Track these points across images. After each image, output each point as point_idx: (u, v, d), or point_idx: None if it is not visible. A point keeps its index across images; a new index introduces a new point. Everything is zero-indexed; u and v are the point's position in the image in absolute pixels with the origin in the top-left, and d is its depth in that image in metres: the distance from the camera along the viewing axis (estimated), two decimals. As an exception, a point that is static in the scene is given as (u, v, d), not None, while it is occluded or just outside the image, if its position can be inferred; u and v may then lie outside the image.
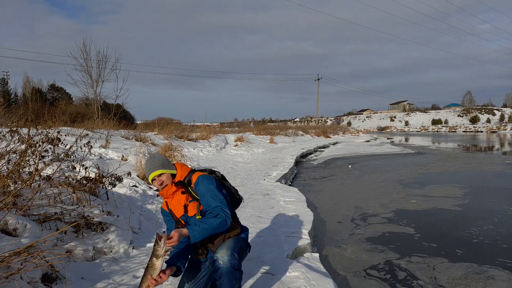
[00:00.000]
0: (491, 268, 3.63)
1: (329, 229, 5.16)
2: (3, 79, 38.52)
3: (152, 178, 2.45)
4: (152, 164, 2.46)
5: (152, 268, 2.07)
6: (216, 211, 2.32)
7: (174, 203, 2.50)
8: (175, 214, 2.51)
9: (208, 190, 2.43)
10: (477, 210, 6.06)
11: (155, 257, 2.06)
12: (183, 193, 2.48)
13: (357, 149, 21.45)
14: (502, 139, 33.62)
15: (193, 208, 2.45)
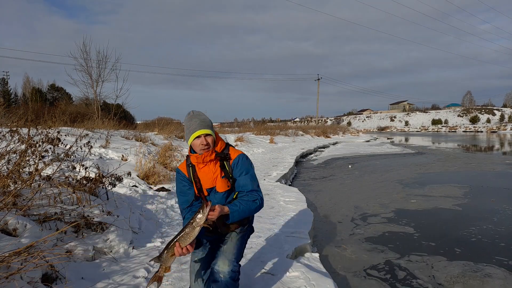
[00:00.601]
0: (488, 267, 3.66)
1: (329, 229, 5.16)
2: (3, 79, 38.52)
3: (199, 135, 2.21)
4: (203, 120, 2.23)
5: (186, 235, 1.92)
6: (254, 196, 2.23)
7: (206, 171, 2.29)
8: (202, 183, 2.31)
9: (249, 172, 2.31)
10: (477, 209, 6.06)
11: (195, 224, 1.91)
12: (219, 166, 2.29)
13: (357, 149, 21.45)
14: (502, 139, 33.62)
15: (223, 185, 2.28)
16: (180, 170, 2.40)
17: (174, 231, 4.46)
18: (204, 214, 1.90)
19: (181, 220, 4.99)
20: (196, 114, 2.28)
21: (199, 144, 2.21)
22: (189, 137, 2.24)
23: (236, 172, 2.28)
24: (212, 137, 2.24)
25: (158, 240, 4.03)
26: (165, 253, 1.94)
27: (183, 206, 2.33)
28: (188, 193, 2.33)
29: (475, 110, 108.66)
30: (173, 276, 3.11)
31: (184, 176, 2.37)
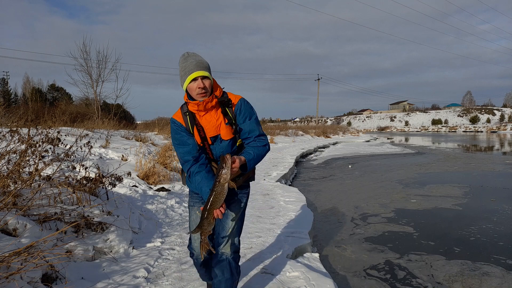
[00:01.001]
0: (487, 265, 3.69)
1: (329, 229, 5.16)
2: (3, 79, 38.53)
3: (195, 77, 1.99)
4: (200, 61, 2.02)
5: (218, 196, 1.83)
6: (262, 140, 2.13)
7: (208, 119, 2.10)
8: (206, 133, 2.12)
9: (253, 116, 2.17)
10: (476, 209, 6.06)
11: (222, 180, 1.81)
12: (221, 112, 2.12)
13: (357, 149, 21.45)
14: (502, 139, 33.62)
15: (228, 132, 2.11)
16: (175, 120, 2.17)
17: (174, 231, 4.46)
18: (228, 167, 1.78)
19: (181, 221, 5.00)
20: (192, 54, 2.06)
21: (195, 88, 2.00)
22: (184, 80, 2.03)
23: (240, 118, 2.13)
24: (210, 81, 2.04)
25: (158, 240, 4.03)
26: (205, 222, 1.90)
27: (185, 157, 2.11)
28: (189, 143, 2.12)
29: (475, 110, 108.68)
30: (173, 276, 3.11)
31: (181, 126, 2.15)
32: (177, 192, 6.73)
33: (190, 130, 2.12)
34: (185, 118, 2.14)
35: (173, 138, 2.17)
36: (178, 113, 2.18)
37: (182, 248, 3.86)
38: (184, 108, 2.16)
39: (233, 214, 2.23)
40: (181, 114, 2.16)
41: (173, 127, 2.16)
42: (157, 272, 3.21)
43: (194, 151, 2.10)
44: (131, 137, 11.26)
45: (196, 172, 2.05)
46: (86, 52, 17.28)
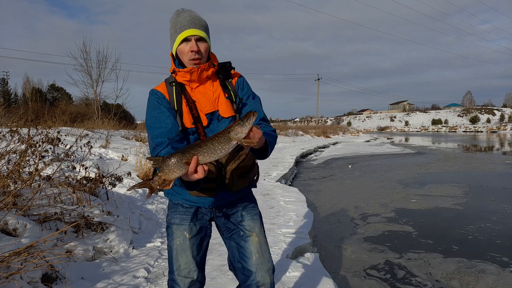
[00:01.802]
0: (484, 263, 3.74)
1: (329, 229, 5.16)
2: (3, 79, 38.55)
3: (188, 36, 1.56)
4: (195, 17, 1.60)
5: (213, 148, 1.33)
6: (270, 126, 1.69)
7: (202, 91, 1.64)
8: (199, 109, 1.62)
9: (256, 96, 1.77)
10: (476, 209, 6.07)
11: (232, 134, 1.32)
12: (220, 84, 1.69)
13: (357, 149, 21.45)
14: (502, 139, 33.62)
15: (228, 108, 1.64)
16: (157, 90, 1.67)
17: (174, 231, 4.46)
18: (249, 124, 1.31)
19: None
20: (187, 10, 1.64)
21: (187, 51, 1.57)
22: (174, 40, 1.60)
23: (243, 93, 1.73)
24: (207, 45, 1.61)
25: (158, 240, 4.03)
26: (173, 159, 1.30)
27: (158, 140, 1.54)
28: (167, 123, 1.57)
29: (475, 110, 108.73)
30: (173, 276, 3.11)
31: (163, 98, 1.63)
32: (177, 192, 6.72)
33: (174, 106, 1.62)
34: (169, 89, 1.65)
35: (149, 115, 1.63)
36: (162, 84, 1.71)
37: (182, 248, 3.86)
38: (169, 78, 1.70)
39: (252, 230, 1.73)
40: (165, 85, 1.69)
41: (151, 100, 1.65)
42: (157, 272, 3.21)
43: (171, 133, 1.55)
44: (131, 137, 11.27)
45: (167, 153, 1.44)
46: (86, 52, 17.33)
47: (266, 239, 1.78)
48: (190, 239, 1.69)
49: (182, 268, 1.69)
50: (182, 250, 1.69)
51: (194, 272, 1.70)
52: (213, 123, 1.64)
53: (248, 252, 1.70)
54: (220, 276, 3.08)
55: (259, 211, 1.82)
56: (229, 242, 1.78)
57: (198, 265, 1.72)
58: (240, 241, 1.72)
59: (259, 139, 1.37)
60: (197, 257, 1.71)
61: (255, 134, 1.34)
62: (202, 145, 1.34)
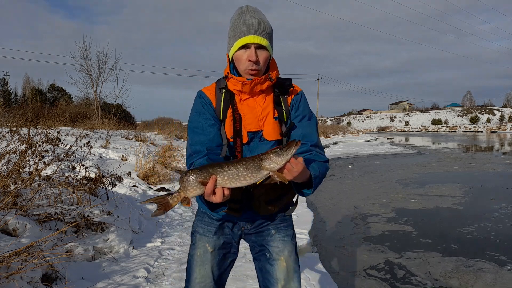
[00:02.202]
0: (483, 262, 3.74)
1: (329, 229, 5.16)
2: (3, 79, 38.55)
3: (247, 43, 1.39)
4: (259, 21, 1.41)
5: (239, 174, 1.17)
6: (322, 155, 1.47)
7: (252, 105, 1.48)
8: (243, 125, 1.46)
9: (313, 117, 1.56)
10: (476, 208, 6.07)
11: (265, 164, 1.16)
12: (273, 101, 1.50)
13: (357, 149, 21.45)
14: (502, 139, 33.62)
15: (274, 130, 1.47)
16: (204, 94, 1.53)
17: (174, 231, 4.46)
18: (288, 154, 1.14)
19: (181, 221, 5.00)
20: (252, 9, 1.45)
21: (245, 59, 1.41)
22: (232, 44, 1.44)
23: (297, 114, 1.52)
24: (267, 55, 1.43)
25: (158, 240, 4.03)
26: (192, 176, 1.18)
27: (196, 147, 1.43)
28: (210, 132, 1.45)
29: (475, 110, 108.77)
30: (173, 276, 3.11)
31: (209, 104, 1.50)
32: (177, 192, 6.73)
33: (219, 115, 1.49)
34: (218, 95, 1.50)
35: (191, 120, 1.51)
36: (211, 87, 1.55)
37: (182, 248, 3.86)
38: (221, 82, 1.53)
39: (281, 254, 1.55)
40: (214, 89, 1.53)
41: (197, 103, 1.52)
42: (157, 272, 3.21)
43: (212, 143, 1.44)
44: (131, 137, 11.27)
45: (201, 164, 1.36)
46: (86, 52, 17.33)
47: (297, 265, 1.58)
48: (212, 253, 1.57)
49: (198, 281, 1.57)
50: (201, 262, 1.57)
51: (209, 287, 1.57)
52: (254, 141, 1.49)
53: (274, 278, 1.53)
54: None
55: (293, 232, 1.63)
56: (256, 262, 1.64)
57: (215, 281, 1.58)
58: (266, 264, 1.57)
59: (298, 173, 1.20)
60: (216, 272, 1.58)
61: (293, 167, 1.18)
62: (225, 167, 1.18)
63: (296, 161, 1.18)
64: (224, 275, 1.63)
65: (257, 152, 1.44)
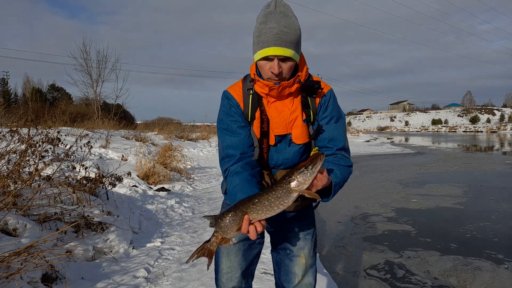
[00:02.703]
0: (481, 261, 3.75)
1: (329, 229, 5.16)
2: (3, 79, 38.57)
3: (270, 56, 1.33)
4: (284, 30, 1.31)
5: (269, 204, 1.19)
6: (346, 159, 1.51)
7: (280, 108, 1.45)
8: (271, 127, 1.46)
9: (340, 117, 1.53)
10: (476, 208, 6.07)
11: (293, 186, 1.17)
12: (300, 102, 1.47)
13: (357, 149, 21.46)
14: (502, 139, 33.63)
15: (303, 133, 1.46)
16: (231, 95, 1.50)
17: (174, 231, 4.46)
18: (314, 172, 1.15)
19: (181, 221, 5.00)
20: (279, 11, 1.33)
21: (267, 70, 1.36)
22: (256, 51, 1.38)
23: (325, 115, 1.50)
24: (292, 63, 1.37)
25: (158, 240, 4.03)
26: (229, 219, 1.21)
27: (229, 150, 1.45)
28: (240, 133, 1.45)
29: (475, 110, 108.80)
30: (173, 276, 3.11)
31: (238, 107, 1.48)
32: (177, 192, 6.73)
33: (248, 116, 1.47)
34: (246, 97, 1.48)
35: (220, 120, 1.51)
36: (237, 87, 1.52)
37: (182, 248, 3.86)
38: (248, 83, 1.50)
39: (301, 251, 1.61)
40: (241, 90, 1.50)
41: (225, 105, 1.50)
42: (157, 272, 3.21)
43: (244, 146, 1.44)
44: (131, 137, 11.28)
45: (236, 172, 1.39)
46: (86, 52, 17.35)
47: (315, 261, 1.64)
48: (236, 244, 1.61)
49: (225, 272, 1.62)
50: (226, 254, 1.62)
51: (237, 279, 1.61)
52: (281, 145, 1.49)
53: (292, 272, 1.59)
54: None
55: (315, 229, 1.67)
56: (275, 255, 1.69)
57: (242, 272, 1.62)
58: (285, 258, 1.62)
59: (323, 186, 1.25)
60: (242, 263, 1.62)
61: (318, 181, 1.21)
62: (256, 202, 1.19)
63: (322, 175, 1.21)
64: (251, 266, 1.67)
65: (284, 154, 1.48)
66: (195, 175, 8.97)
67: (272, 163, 1.53)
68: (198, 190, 7.29)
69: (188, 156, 10.00)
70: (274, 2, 1.35)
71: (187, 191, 6.99)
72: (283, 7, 1.35)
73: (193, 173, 9.12)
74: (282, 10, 1.34)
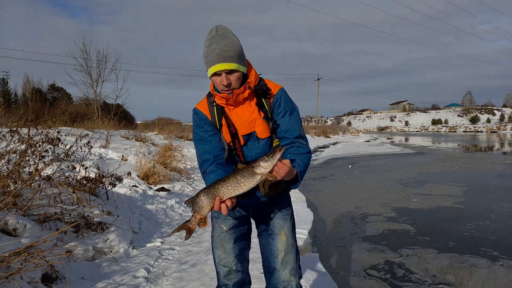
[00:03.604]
0: (480, 259, 3.75)
1: (329, 229, 5.16)
2: (3, 79, 38.54)
3: (218, 71, 1.58)
4: (224, 49, 1.56)
5: (237, 184, 1.44)
6: (304, 146, 1.74)
7: (240, 112, 1.71)
8: (237, 129, 1.72)
9: (294, 111, 1.77)
10: (476, 208, 6.07)
11: (257, 170, 1.43)
12: (256, 104, 1.72)
13: (357, 149, 21.45)
14: (502, 139, 33.63)
15: (265, 129, 1.72)
16: (199, 111, 1.78)
17: (174, 231, 4.46)
18: (274, 159, 1.41)
19: (181, 221, 5.00)
20: (219, 34, 1.59)
21: (219, 83, 1.62)
22: (207, 69, 1.64)
23: (279, 111, 1.74)
24: (239, 74, 1.62)
25: (158, 240, 4.03)
26: (202, 197, 1.45)
27: (204, 156, 1.72)
28: (211, 141, 1.73)
29: (475, 110, 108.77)
30: (173, 276, 3.11)
31: (206, 119, 1.76)
32: (177, 192, 6.73)
33: (216, 125, 1.74)
34: (211, 109, 1.75)
35: (194, 132, 1.79)
36: (203, 103, 1.79)
37: (182, 248, 3.86)
38: (210, 97, 1.77)
39: (281, 229, 1.83)
40: (207, 104, 1.77)
41: (195, 119, 1.79)
42: (157, 272, 3.21)
43: (216, 150, 1.72)
44: (131, 137, 11.27)
45: (212, 171, 1.65)
46: (86, 52, 17.32)
47: (295, 241, 1.86)
48: (227, 231, 1.84)
49: (222, 257, 1.85)
50: (220, 241, 1.86)
51: (233, 262, 1.83)
52: (250, 142, 1.75)
53: (275, 249, 1.81)
54: (220, 276, 3.07)
55: (292, 213, 1.91)
56: (260, 238, 1.93)
57: (236, 256, 1.85)
58: (268, 238, 1.85)
59: (285, 173, 1.45)
60: (235, 248, 1.84)
61: (279, 169, 1.44)
62: (226, 180, 1.45)
63: (282, 164, 1.45)
64: (245, 251, 1.91)
65: (254, 149, 1.75)
66: (195, 175, 8.97)
67: (248, 160, 1.77)
68: (198, 190, 7.28)
69: (188, 156, 9.99)
70: (216, 28, 1.62)
71: (187, 191, 6.99)
72: (223, 30, 1.61)
73: (193, 173, 9.12)
74: (222, 33, 1.60)
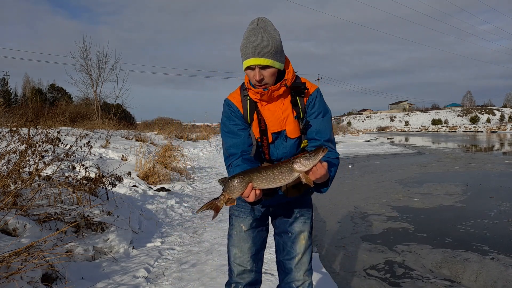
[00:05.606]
0: (469, 253, 3.70)
1: (329, 229, 5.16)
2: (3, 79, 38.54)
3: (252, 65, 1.56)
4: (261, 43, 1.54)
5: (272, 177, 1.43)
6: (333, 151, 1.69)
7: (272, 109, 1.67)
8: (267, 126, 1.68)
9: (327, 113, 1.74)
10: (476, 207, 6.07)
11: (296, 166, 1.40)
12: (290, 102, 1.68)
13: (357, 149, 21.45)
14: (502, 139, 33.63)
15: (295, 129, 1.68)
16: (231, 102, 1.74)
17: (174, 231, 4.46)
18: (316, 159, 1.37)
19: (181, 221, 5.00)
20: (259, 27, 1.57)
21: (252, 77, 1.60)
22: (242, 61, 1.62)
23: (312, 112, 1.70)
24: (273, 70, 1.59)
25: (158, 240, 4.03)
26: (235, 181, 1.44)
27: (232, 150, 1.69)
28: (240, 135, 1.69)
29: (475, 110, 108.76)
30: (173, 276, 3.11)
31: (237, 111, 1.72)
32: (177, 192, 6.73)
33: (247, 119, 1.70)
34: (244, 102, 1.71)
35: (223, 123, 1.75)
36: (236, 94, 1.75)
37: (182, 248, 3.86)
38: (244, 90, 1.73)
39: (302, 233, 1.85)
40: (240, 96, 1.73)
41: (226, 111, 1.75)
42: (157, 272, 3.21)
43: (244, 145, 1.68)
44: (131, 137, 11.28)
45: (238, 165, 1.61)
46: (86, 52, 17.35)
47: (311, 242, 1.89)
48: (246, 231, 1.84)
49: (237, 256, 1.85)
50: (238, 240, 1.85)
51: (248, 262, 1.83)
52: (278, 141, 1.71)
53: (293, 252, 1.83)
54: (220, 276, 3.08)
55: (312, 216, 1.91)
56: (278, 238, 1.92)
57: (252, 256, 1.85)
58: (288, 241, 1.86)
59: (321, 175, 1.45)
60: (252, 248, 1.84)
61: (318, 169, 1.43)
62: (262, 171, 1.43)
63: (321, 165, 1.42)
64: (260, 251, 1.90)
65: (281, 148, 1.71)
66: (195, 175, 8.97)
67: (273, 158, 1.73)
68: (198, 190, 7.29)
69: (188, 156, 10.00)
70: (257, 20, 1.61)
71: (187, 191, 6.99)
72: (264, 23, 1.59)
73: (193, 173, 9.12)
74: (262, 26, 1.58)
